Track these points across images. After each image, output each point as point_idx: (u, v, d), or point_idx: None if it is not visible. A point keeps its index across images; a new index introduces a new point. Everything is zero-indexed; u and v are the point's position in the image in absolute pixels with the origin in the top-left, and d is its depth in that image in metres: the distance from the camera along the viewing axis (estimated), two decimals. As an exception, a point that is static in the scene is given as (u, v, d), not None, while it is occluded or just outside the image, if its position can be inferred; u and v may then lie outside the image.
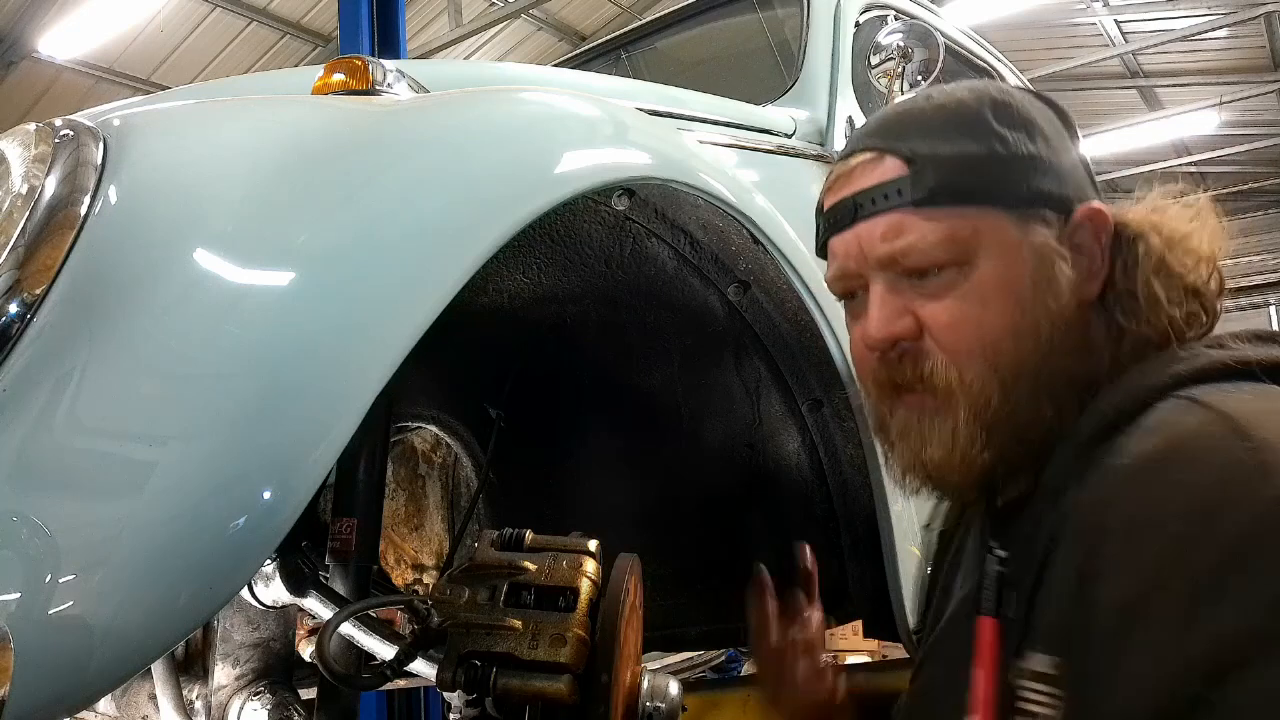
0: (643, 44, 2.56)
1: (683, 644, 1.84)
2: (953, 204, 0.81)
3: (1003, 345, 0.80)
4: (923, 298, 0.83)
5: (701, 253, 1.24)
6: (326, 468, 0.70)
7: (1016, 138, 0.82)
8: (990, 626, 0.78)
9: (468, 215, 0.83)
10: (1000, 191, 0.81)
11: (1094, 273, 0.83)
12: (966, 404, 0.80)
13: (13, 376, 0.65)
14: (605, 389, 1.45)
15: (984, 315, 0.80)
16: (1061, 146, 0.85)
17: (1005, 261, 0.80)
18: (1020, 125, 0.83)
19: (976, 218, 0.81)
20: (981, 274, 0.81)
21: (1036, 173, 0.82)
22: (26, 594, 0.59)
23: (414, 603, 0.89)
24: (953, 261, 0.81)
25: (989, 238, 0.81)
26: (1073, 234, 0.82)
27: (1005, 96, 0.86)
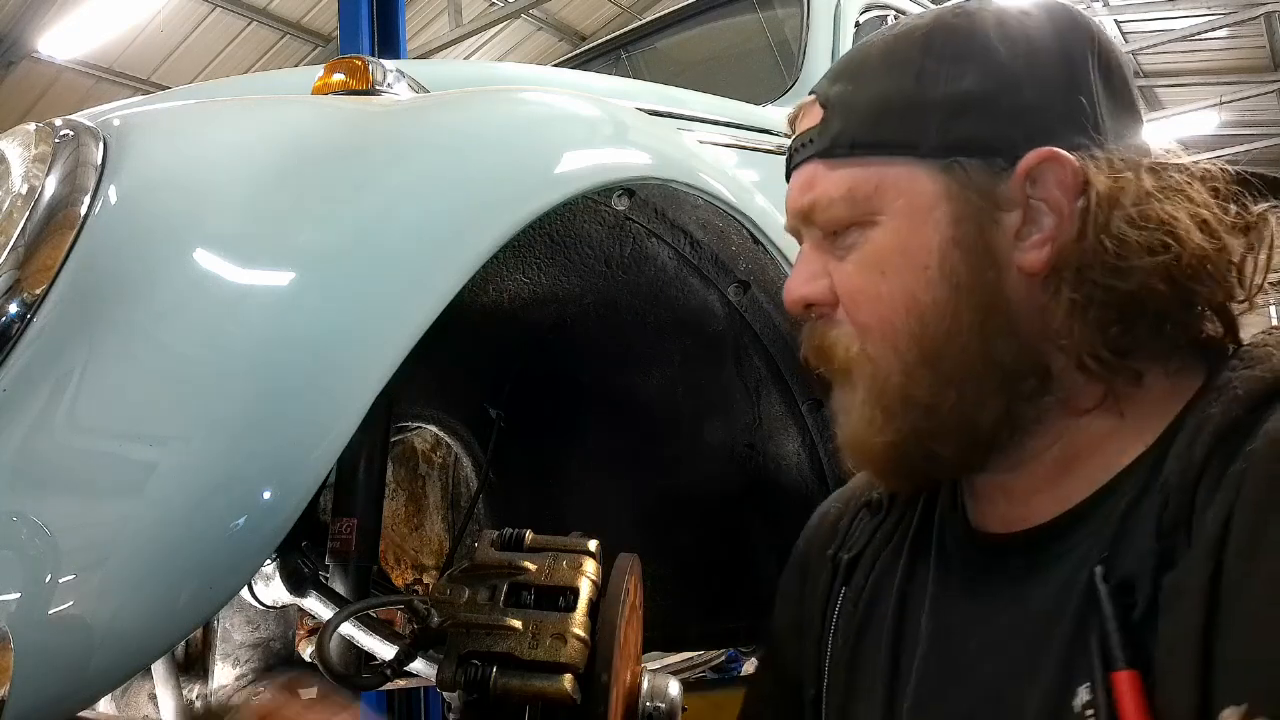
0: (643, 44, 2.56)
1: (683, 644, 1.84)
2: (859, 154, 0.71)
3: (903, 322, 0.69)
4: (835, 259, 0.73)
5: (701, 253, 1.24)
6: (326, 468, 0.70)
7: (947, 72, 0.69)
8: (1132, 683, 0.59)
9: (468, 215, 0.83)
10: (913, 139, 0.69)
11: (1047, 238, 0.67)
12: (864, 382, 0.71)
13: (13, 376, 0.65)
14: (605, 389, 1.45)
15: (882, 285, 0.69)
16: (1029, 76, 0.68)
17: (911, 222, 0.69)
18: (958, 55, 0.70)
19: (883, 170, 0.70)
20: (881, 236, 0.70)
21: (966, 114, 0.68)
22: (26, 594, 0.59)
23: (414, 603, 0.89)
24: (856, 220, 0.71)
25: (895, 194, 0.69)
26: (1026, 187, 0.67)
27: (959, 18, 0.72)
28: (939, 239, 0.68)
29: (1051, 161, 0.66)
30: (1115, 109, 0.69)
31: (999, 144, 0.68)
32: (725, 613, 1.59)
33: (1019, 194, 0.67)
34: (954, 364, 0.68)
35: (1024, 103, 0.68)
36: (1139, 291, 0.64)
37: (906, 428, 0.70)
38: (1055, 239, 0.66)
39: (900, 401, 0.69)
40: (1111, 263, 0.64)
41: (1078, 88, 0.68)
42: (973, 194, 0.68)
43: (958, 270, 0.67)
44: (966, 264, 0.67)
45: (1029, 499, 0.72)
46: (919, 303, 0.68)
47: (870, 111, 0.71)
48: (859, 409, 0.72)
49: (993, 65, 0.69)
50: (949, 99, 0.69)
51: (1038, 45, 0.70)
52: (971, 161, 0.68)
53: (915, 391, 0.69)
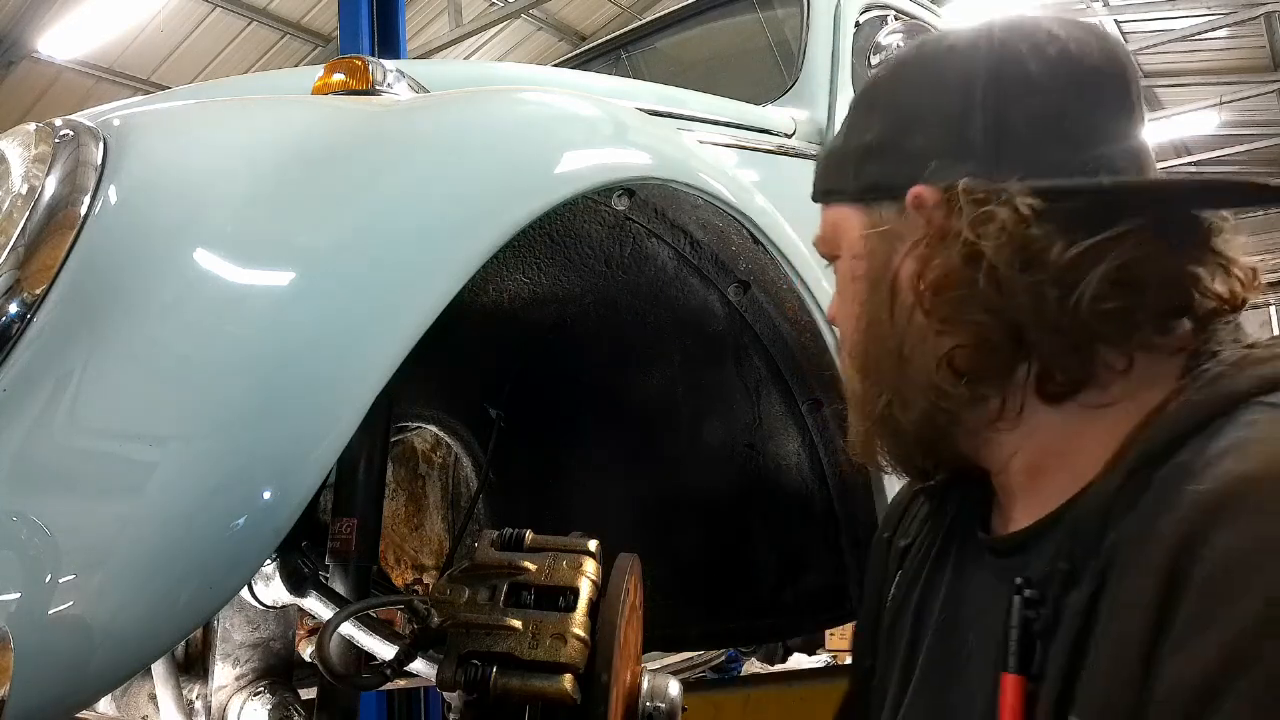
0: (643, 44, 2.56)
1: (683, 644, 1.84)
2: (824, 199, 0.83)
3: (854, 338, 0.80)
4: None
5: (701, 253, 1.24)
6: (326, 468, 0.70)
7: (860, 124, 0.79)
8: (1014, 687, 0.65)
9: (467, 215, 0.83)
10: (842, 185, 0.80)
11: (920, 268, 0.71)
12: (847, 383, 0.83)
13: (13, 376, 0.65)
14: (605, 389, 1.45)
15: (843, 308, 0.82)
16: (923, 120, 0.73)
17: (848, 257, 0.80)
18: (868, 109, 0.79)
19: (833, 213, 0.81)
20: (841, 267, 0.82)
21: (870, 160, 0.77)
22: (26, 594, 0.59)
23: (414, 603, 0.89)
24: (829, 256, 0.84)
25: (842, 233, 0.80)
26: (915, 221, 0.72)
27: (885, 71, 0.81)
28: (858, 270, 0.78)
29: (917, 199, 0.72)
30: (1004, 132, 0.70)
31: (894, 183, 0.74)
32: (725, 613, 1.59)
33: (916, 225, 0.72)
34: (879, 374, 0.77)
35: (914, 144, 0.74)
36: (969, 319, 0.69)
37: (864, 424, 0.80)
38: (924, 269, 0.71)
39: (857, 403, 0.81)
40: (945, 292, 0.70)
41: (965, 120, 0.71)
42: (881, 230, 0.75)
43: (868, 299, 0.77)
44: (871, 293, 0.77)
45: (1014, 504, 0.77)
46: (860, 323, 0.79)
47: (824, 166, 0.85)
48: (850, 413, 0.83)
49: (893, 111, 0.76)
50: (860, 149, 0.78)
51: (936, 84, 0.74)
52: (884, 201, 0.76)
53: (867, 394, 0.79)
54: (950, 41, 0.76)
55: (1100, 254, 0.65)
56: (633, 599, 0.91)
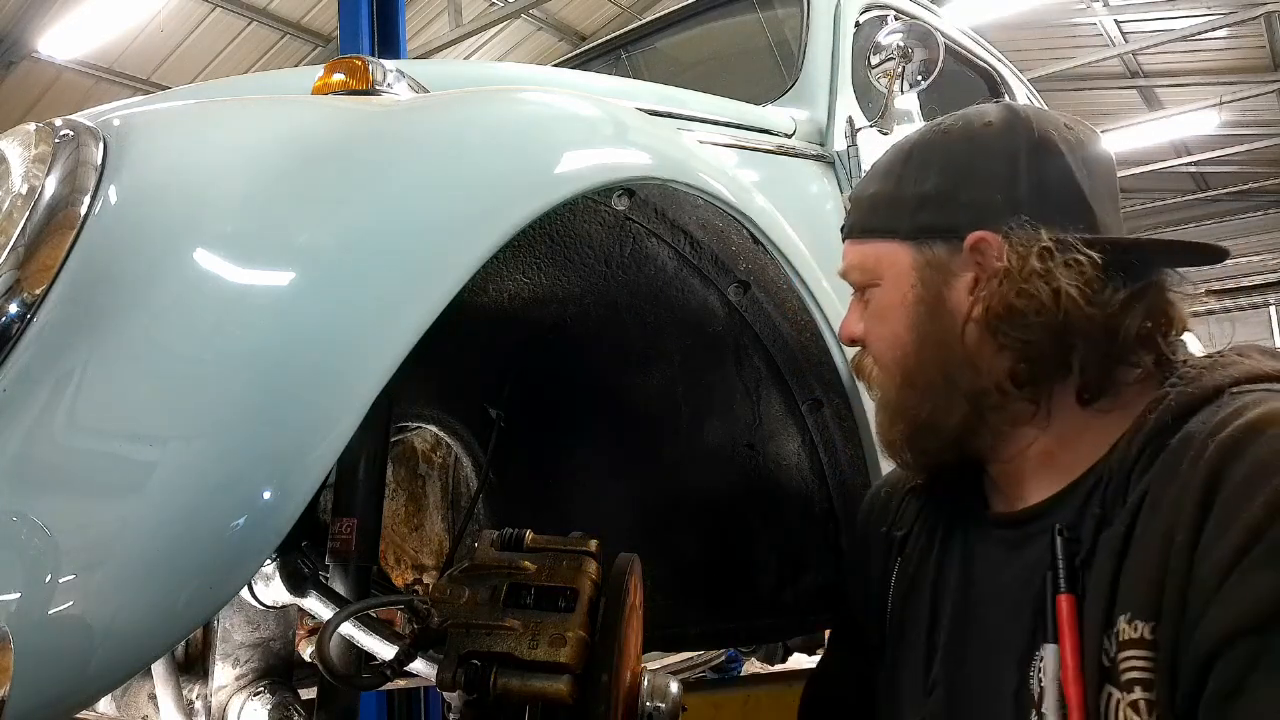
0: (643, 44, 2.56)
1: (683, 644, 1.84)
2: (864, 237, 1.00)
3: (891, 353, 0.97)
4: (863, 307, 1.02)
5: (701, 253, 1.24)
6: (326, 468, 0.70)
7: (914, 176, 0.96)
8: (1069, 603, 0.83)
9: (467, 215, 0.83)
10: (895, 225, 0.97)
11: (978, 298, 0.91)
12: (881, 392, 1.00)
13: (13, 376, 0.65)
14: (605, 389, 1.45)
15: (882, 328, 0.98)
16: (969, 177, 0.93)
17: (897, 285, 0.96)
18: (921, 165, 0.96)
19: (878, 248, 0.98)
20: (881, 294, 0.98)
21: (926, 208, 0.94)
22: (26, 594, 0.59)
23: (414, 603, 0.89)
24: (867, 283, 1.00)
25: (886, 265, 0.97)
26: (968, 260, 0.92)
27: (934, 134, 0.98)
28: (912, 297, 0.95)
29: (981, 242, 0.91)
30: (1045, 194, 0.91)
31: (951, 227, 0.93)
32: (725, 613, 1.59)
33: (970, 263, 0.92)
34: (924, 384, 0.94)
35: (969, 197, 0.93)
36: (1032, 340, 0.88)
37: (906, 427, 0.97)
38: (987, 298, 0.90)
39: (900, 408, 0.97)
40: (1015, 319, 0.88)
41: (1012, 184, 0.92)
42: (934, 265, 0.94)
43: (920, 322, 0.94)
44: (928, 316, 0.94)
45: (1024, 484, 0.95)
46: (903, 341, 0.96)
47: (869, 206, 1.01)
48: (880, 413, 1.00)
49: (948, 169, 0.95)
50: (916, 196, 0.96)
51: (985, 152, 0.94)
52: (935, 241, 0.94)
53: (905, 403, 0.96)
54: (989, 118, 0.96)
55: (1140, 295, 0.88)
56: (633, 599, 0.91)
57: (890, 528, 1.12)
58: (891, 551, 1.10)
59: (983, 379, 0.90)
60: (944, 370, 0.92)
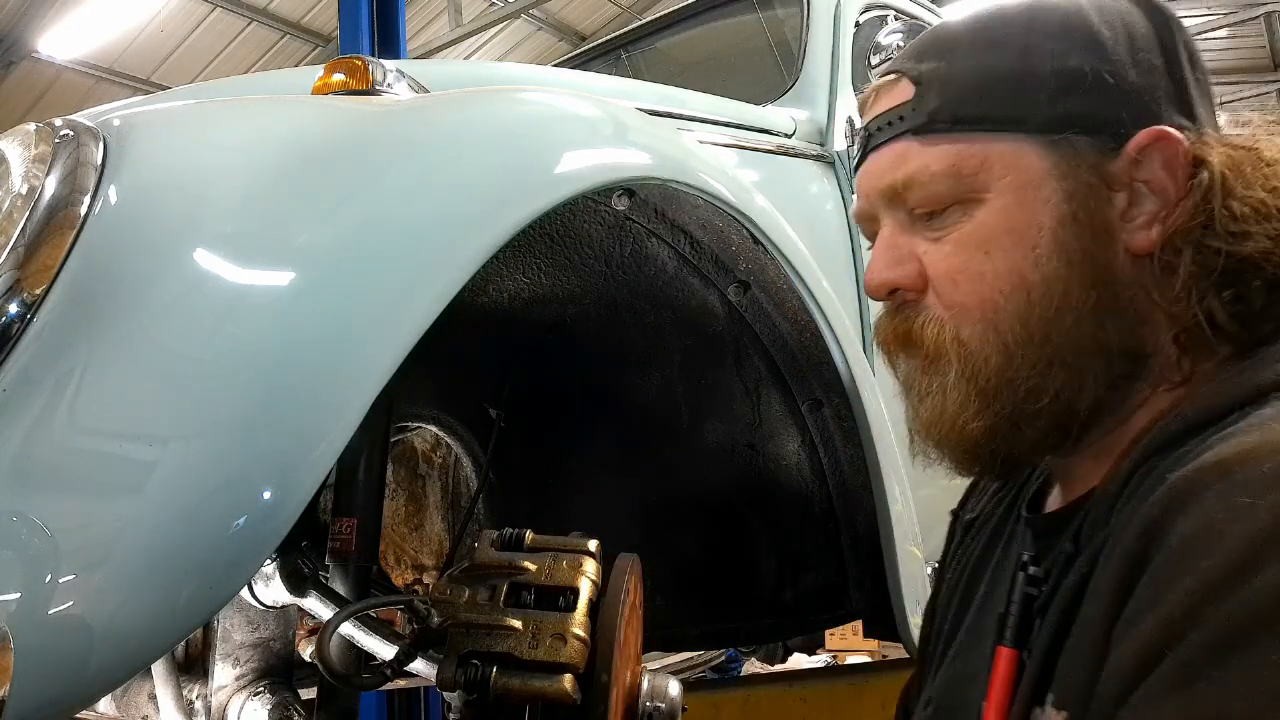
0: (643, 44, 2.56)
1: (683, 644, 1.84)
2: (961, 130, 0.69)
3: (1007, 300, 0.67)
4: (928, 241, 0.71)
5: (701, 253, 1.24)
6: (326, 468, 0.70)
7: (1053, 49, 0.68)
8: (1007, 660, 0.67)
9: (467, 215, 0.83)
10: (1021, 114, 0.68)
11: (1155, 217, 0.66)
12: (958, 363, 0.69)
13: (13, 376, 0.65)
14: (605, 389, 1.45)
15: (986, 264, 0.68)
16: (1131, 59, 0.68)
17: (1020, 199, 0.67)
18: (1062, 33, 0.69)
19: (989, 145, 0.68)
20: (987, 214, 0.68)
21: (1075, 90, 0.67)
22: (26, 594, 0.59)
23: (414, 603, 0.89)
24: (958, 198, 0.69)
25: (1002, 170, 0.68)
26: (1132, 167, 0.67)
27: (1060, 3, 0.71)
28: (1051, 216, 0.67)
29: (1162, 141, 0.66)
30: (1202, 94, 0.71)
31: (1107, 122, 0.67)
32: (725, 613, 1.59)
33: (1125, 174, 0.67)
34: (1063, 342, 0.66)
35: (1130, 83, 0.68)
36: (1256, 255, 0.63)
37: (1005, 410, 0.68)
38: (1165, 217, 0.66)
39: (1000, 383, 0.68)
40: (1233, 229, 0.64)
41: (1175, 72, 0.69)
42: (1084, 170, 0.67)
43: (1070, 247, 0.66)
44: (1080, 241, 0.66)
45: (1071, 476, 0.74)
46: (1027, 281, 0.67)
47: (973, 86, 0.70)
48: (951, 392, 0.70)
49: (1097, 46, 0.68)
50: (1057, 75, 0.68)
51: (1135, 30, 0.70)
52: (1081, 138, 0.67)
53: (1017, 373, 0.67)
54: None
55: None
56: (633, 599, 0.91)
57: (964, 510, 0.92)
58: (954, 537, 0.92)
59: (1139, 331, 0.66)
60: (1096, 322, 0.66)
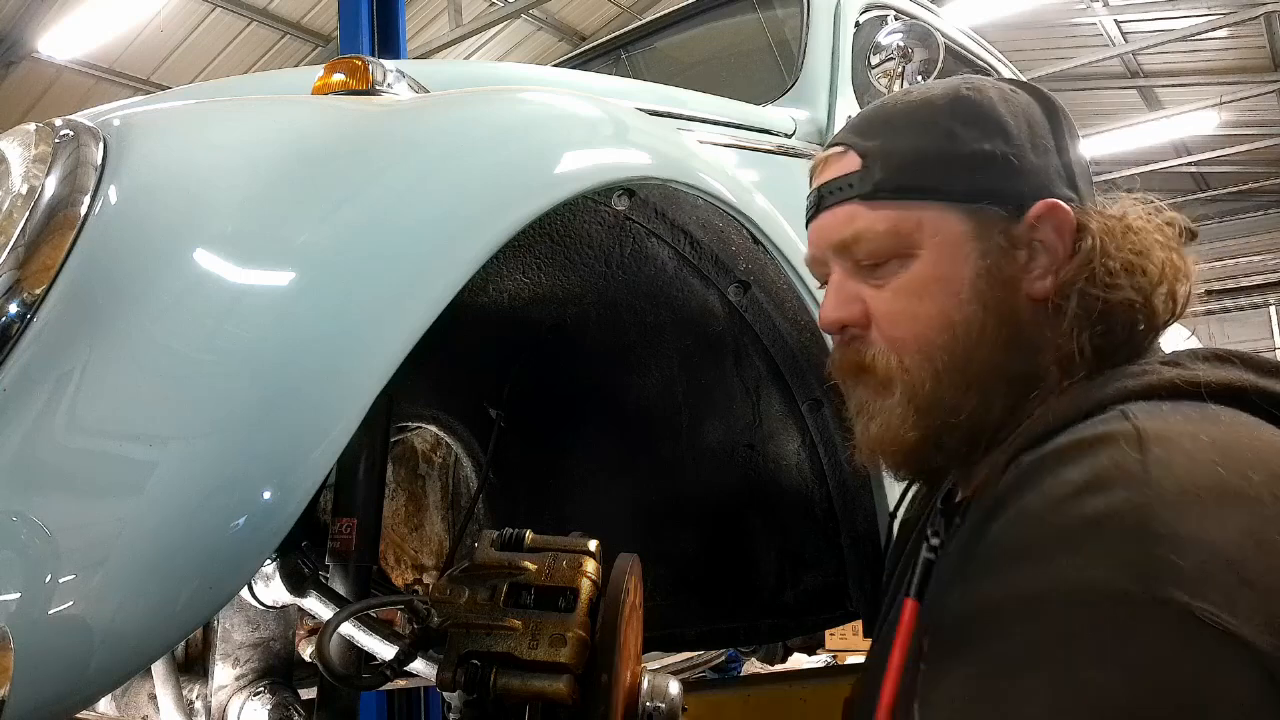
0: (643, 44, 2.56)
1: (683, 644, 1.84)
2: (899, 198, 0.86)
3: (936, 336, 0.83)
4: (872, 287, 0.88)
5: (701, 253, 1.24)
6: (326, 468, 0.70)
7: (970, 135, 0.85)
8: (911, 609, 0.83)
9: (467, 215, 0.83)
10: (947, 187, 0.85)
11: (1049, 270, 0.83)
12: (902, 387, 0.85)
13: (13, 376, 0.65)
14: (605, 389, 1.45)
15: (920, 307, 0.84)
16: (1030, 144, 0.86)
17: (945, 255, 0.84)
18: (977, 122, 0.86)
19: (922, 211, 0.85)
20: (921, 267, 0.85)
21: (988, 169, 0.85)
22: (26, 594, 0.59)
23: (414, 603, 0.89)
24: (896, 253, 0.86)
25: (931, 231, 0.84)
26: (1030, 230, 0.84)
27: (974, 93, 0.88)
28: (971, 269, 0.83)
29: (1053, 211, 0.84)
30: (1082, 173, 0.88)
31: (1012, 195, 0.84)
32: (725, 613, 1.59)
33: (1026, 236, 0.84)
34: (978, 370, 0.83)
35: (1030, 164, 0.86)
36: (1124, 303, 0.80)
37: (935, 423, 0.84)
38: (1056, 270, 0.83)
39: (931, 402, 0.84)
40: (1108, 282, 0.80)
41: (1063, 155, 0.87)
42: (995, 234, 0.84)
43: (985, 294, 0.83)
44: (992, 289, 0.83)
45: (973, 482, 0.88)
46: (952, 321, 0.83)
47: (910, 163, 0.87)
48: (896, 409, 0.86)
49: (1005, 133, 0.86)
50: (974, 156, 0.85)
51: (1034, 119, 0.88)
52: (992, 208, 0.84)
53: (945, 394, 0.84)
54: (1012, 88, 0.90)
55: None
56: (633, 599, 0.91)
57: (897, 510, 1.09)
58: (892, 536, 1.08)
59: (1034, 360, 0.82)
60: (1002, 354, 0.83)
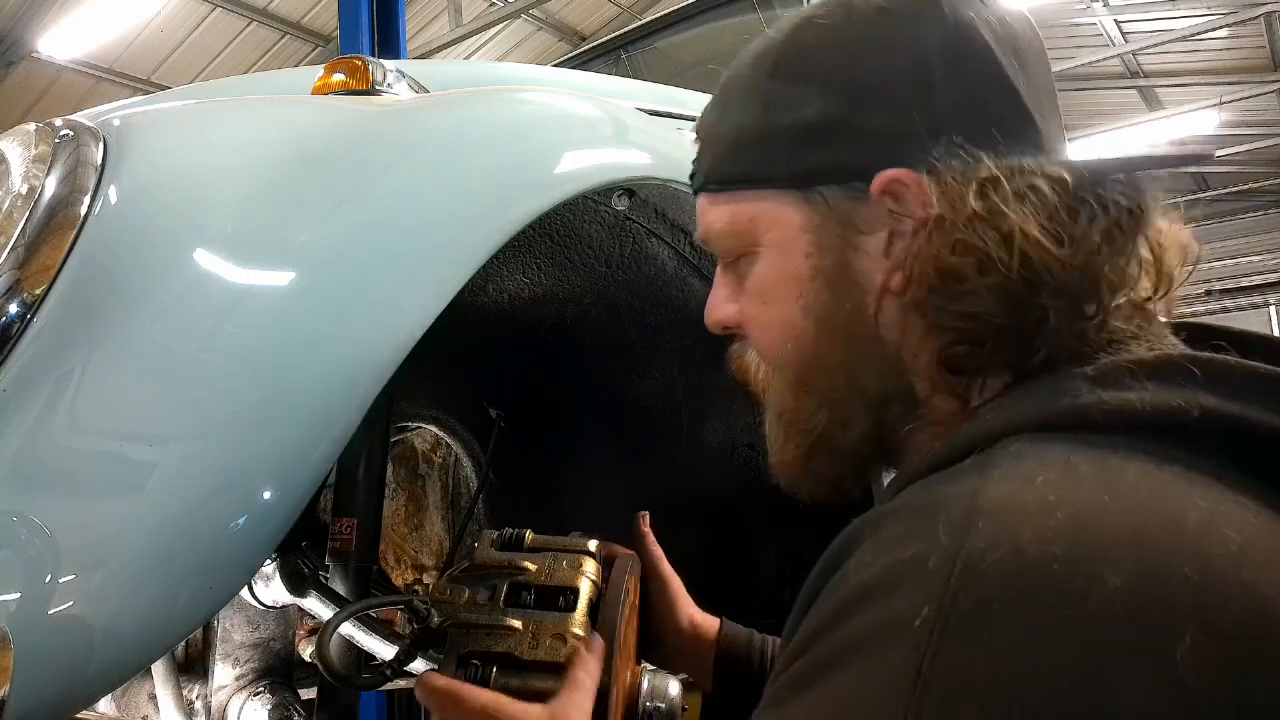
0: (643, 44, 2.56)
1: (683, 644, 1.84)
2: (730, 189, 0.71)
3: (783, 346, 0.69)
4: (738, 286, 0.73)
5: (701, 253, 1.24)
6: (326, 468, 0.70)
7: (791, 97, 0.67)
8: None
9: (468, 215, 0.83)
10: (769, 171, 0.68)
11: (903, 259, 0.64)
12: (769, 401, 0.73)
13: (13, 376, 0.65)
14: (605, 389, 1.45)
15: (766, 313, 0.70)
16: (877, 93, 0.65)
17: (783, 253, 0.68)
18: (802, 76, 0.67)
19: (756, 203, 0.69)
20: (762, 267, 0.70)
21: (815, 141, 0.66)
22: (26, 594, 0.59)
23: (414, 603, 0.89)
24: (741, 251, 0.71)
25: (766, 225, 0.69)
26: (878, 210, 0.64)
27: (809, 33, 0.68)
28: (807, 269, 0.67)
29: (898, 183, 0.63)
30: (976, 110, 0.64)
31: (851, 167, 0.65)
32: (725, 612, 1.59)
33: (882, 215, 0.65)
34: (824, 387, 0.68)
35: (871, 122, 0.65)
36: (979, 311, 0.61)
37: (801, 446, 0.70)
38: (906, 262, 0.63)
39: (791, 422, 0.71)
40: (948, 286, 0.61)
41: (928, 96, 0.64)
42: (831, 222, 0.66)
43: (820, 301, 0.67)
44: (828, 294, 0.67)
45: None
46: (796, 330, 0.68)
47: (729, 146, 0.71)
48: (769, 427, 0.73)
49: (837, 84, 0.66)
50: (794, 128, 0.67)
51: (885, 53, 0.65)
52: (829, 189, 0.66)
53: (800, 413, 0.70)
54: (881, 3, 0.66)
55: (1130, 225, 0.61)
56: (633, 599, 0.91)
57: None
58: None
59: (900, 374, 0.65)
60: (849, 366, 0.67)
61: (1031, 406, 0.56)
